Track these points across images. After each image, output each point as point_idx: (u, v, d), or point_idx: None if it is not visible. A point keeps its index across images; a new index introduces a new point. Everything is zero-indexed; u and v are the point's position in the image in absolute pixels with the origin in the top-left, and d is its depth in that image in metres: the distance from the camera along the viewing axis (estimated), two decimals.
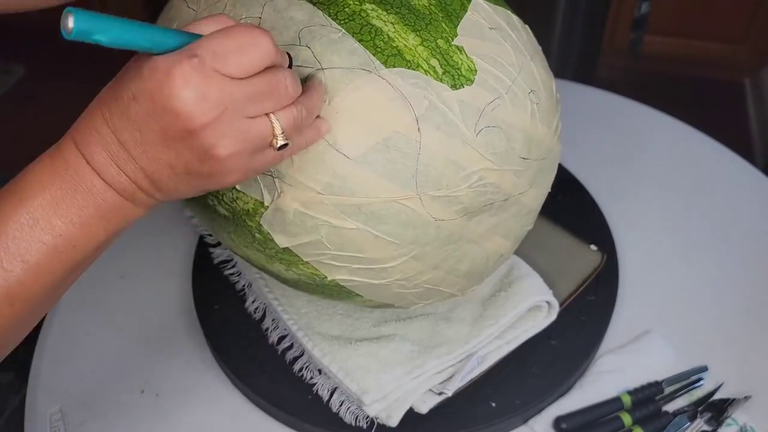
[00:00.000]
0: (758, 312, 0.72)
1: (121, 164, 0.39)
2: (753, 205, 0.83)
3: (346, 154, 0.45)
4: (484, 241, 0.54)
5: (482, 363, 0.63)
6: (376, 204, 0.46)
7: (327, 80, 0.46)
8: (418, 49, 0.47)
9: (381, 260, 0.49)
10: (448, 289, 0.55)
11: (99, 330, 0.74)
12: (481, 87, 0.48)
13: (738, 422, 0.63)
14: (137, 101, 0.38)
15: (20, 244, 0.39)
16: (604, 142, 0.90)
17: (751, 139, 1.81)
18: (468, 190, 0.48)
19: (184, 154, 0.39)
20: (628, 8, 1.88)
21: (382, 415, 0.60)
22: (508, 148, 0.49)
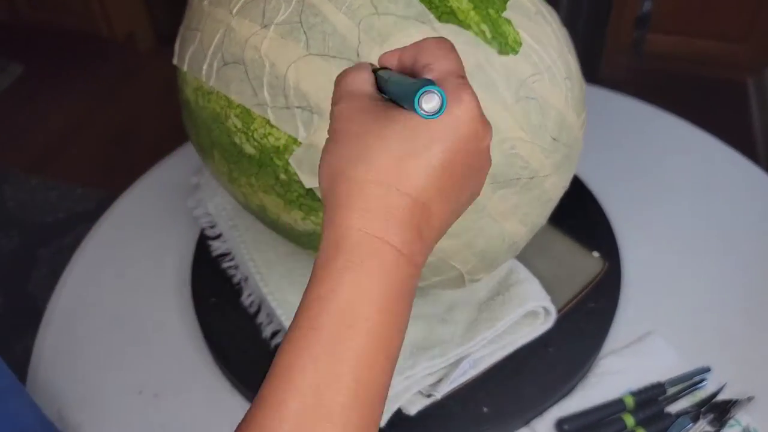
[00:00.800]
0: (761, 313, 0.72)
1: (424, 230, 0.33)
2: (756, 204, 0.83)
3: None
4: (503, 221, 0.54)
5: (475, 366, 0.63)
6: None
7: (381, 25, 0.47)
8: (470, 13, 0.49)
9: None
10: (460, 267, 0.55)
11: (97, 330, 0.74)
12: (525, 59, 0.50)
13: (741, 423, 0.63)
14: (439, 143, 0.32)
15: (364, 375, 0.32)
16: (606, 141, 0.90)
17: (753, 139, 1.80)
18: (500, 155, 0.49)
19: (472, 176, 0.35)
20: (630, 7, 1.88)
21: None
22: (542, 123, 0.51)
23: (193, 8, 0.57)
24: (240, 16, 0.51)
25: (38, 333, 0.74)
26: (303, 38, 0.48)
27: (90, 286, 0.78)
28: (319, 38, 0.47)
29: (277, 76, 0.48)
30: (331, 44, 0.47)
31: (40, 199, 1.81)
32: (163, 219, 0.83)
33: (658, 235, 0.79)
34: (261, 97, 0.49)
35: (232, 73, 0.51)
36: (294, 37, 0.48)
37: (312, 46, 0.47)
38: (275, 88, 0.49)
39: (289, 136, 0.48)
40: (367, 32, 0.47)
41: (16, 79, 2.19)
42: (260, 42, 0.49)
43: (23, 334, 1.43)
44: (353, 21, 0.47)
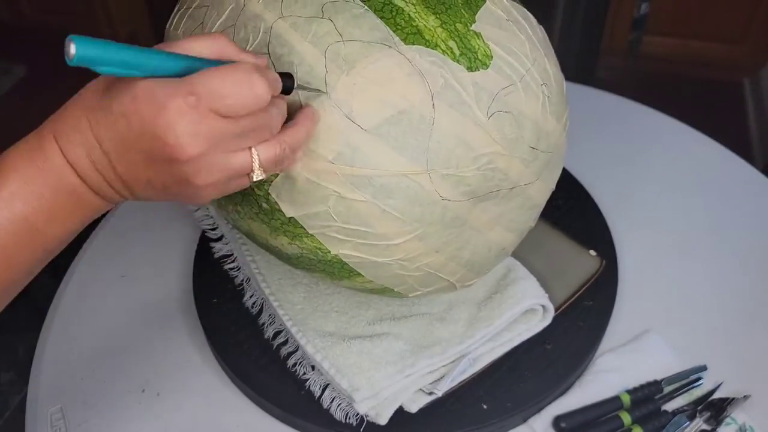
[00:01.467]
0: (758, 311, 0.72)
1: (100, 168, 0.41)
2: (752, 204, 0.83)
3: (361, 125, 0.46)
4: (487, 231, 0.54)
5: (474, 364, 0.63)
6: (386, 177, 0.47)
7: (347, 52, 0.46)
8: (437, 30, 0.48)
9: (386, 236, 0.49)
10: (448, 277, 0.55)
11: (100, 329, 0.74)
12: (496, 72, 0.49)
13: (737, 421, 0.63)
14: (128, 120, 0.39)
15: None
16: (603, 142, 0.90)
17: (750, 139, 1.81)
18: (476, 172, 0.49)
19: (163, 175, 0.41)
20: (627, 8, 1.88)
21: (371, 413, 0.60)
22: (518, 135, 0.50)
23: (170, 38, 0.57)
24: None
25: (41, 333, 0.74)
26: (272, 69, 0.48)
27: (93, 287, 0.78)
28: (288, 69, 0.47)
29: None
30: (300, 74, 0.47)
31: None
32: (165, 219, 0.84)
33: (654, 234, 0.80)
34: None
35: None
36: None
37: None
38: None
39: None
40: (333, 60, 0.47)
41: (19, 81, 2.19)
42: None
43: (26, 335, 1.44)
44: (319, 49, 0.47)
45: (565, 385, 0.65)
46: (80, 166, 0.41)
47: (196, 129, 0.38)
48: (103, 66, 0.37)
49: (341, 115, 0.46)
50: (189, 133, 0.38)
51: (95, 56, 0.36)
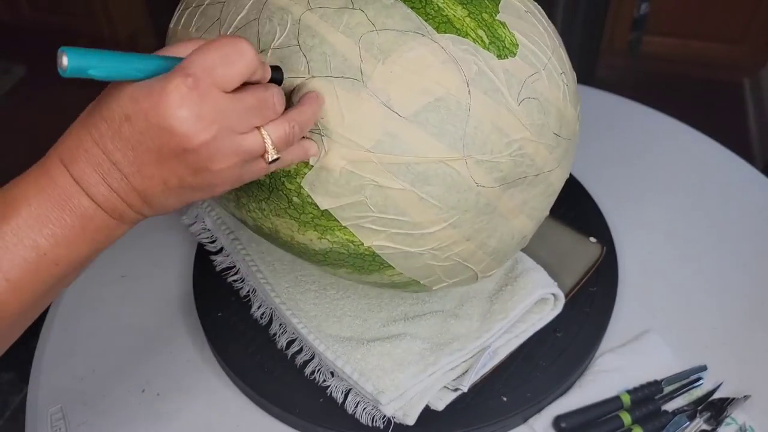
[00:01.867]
0: (757, 312, 0.72)
1: (112, 183, 0.40)
2: (752, 204, 0.83)
3: (399, 112, 0.47)
4: (512, 218, 0.55)
5: (494, 357, 0.64)
6: (425, 164, 0.47)
7: (382, 41, 0.47)
8: (465, 20, 0.49)
9: (421, 225, 0.50)
10: (474, 267, 0.56)
11: (100, 329, 0.74)
12: (523, 60, 0.50)
13: (737, 421, 0.63)
14: (131, 122, 0.38)
15: (2, 262, 0.39)
16: (603, 142, 0.90)
17: (750, 139, 1.81)
18: (508, 158, 0.50)
19: (178, 169, 0.40)
20: (627, 8, 1.88)
21: (398, 414, 0.60)
22: (544, 121, 0.51)
23: (178, 36, 0.57)
24: None
25: (41, 333, 0.75)
26: (303, 61, 0.48)
27: (93, 286, 0.78)
28: (320, 60, 0.47)
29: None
30: (333, 65, 0.47)
31: None
32: (166, 219, 0.84)
33: (654, 235, 0.80)
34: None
35: None
36: (295, 60, 0.48)
37: (314, 68, 0.47)
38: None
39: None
40: (368, 50, 0.47)
41: (18, 81, 2.19)
42: None
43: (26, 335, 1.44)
44: (352, 39, 0.47)
45: (565, 385, 0.65)
46: (90, 186, 0.40)
47: (200, 111, 0.38)
48: (97, 72, 0.37)
49: (379, 104, 0.46)
50: (194, 117, 0.37)
51: (87, 65, 0.37)
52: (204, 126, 0.38)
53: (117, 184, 0.40)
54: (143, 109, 0.38)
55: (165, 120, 0.37)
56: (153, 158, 0.39)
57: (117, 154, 0.39)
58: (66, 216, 0.40)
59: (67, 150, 0.40)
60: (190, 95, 0.37)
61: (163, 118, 0.37)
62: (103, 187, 0.40)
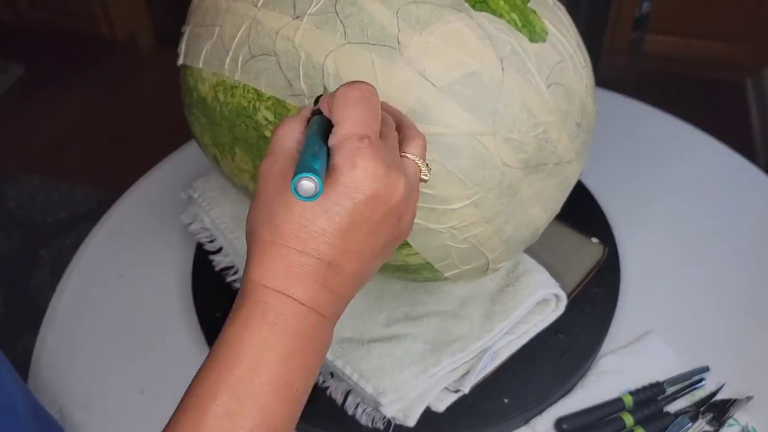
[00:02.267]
0: (760, 312, 0.72)
1: (333, 285, 0.38)
2: (754, 204, 0.83)
3: (433, 82, 0.47)
4: (530, 206, 0.55)
5: (495, 359, 0.64)
6: (455, 136, 0.48)
7: (420, 13, 0.48)
8: (500, 2, 0.50)
9: (446, 200, 0.50)
10: (488, 254, 0.56)
11: (99, 330, 0.74)
12: (552, 47, 0.51)
13: (740, 423, 0.63)
14: (335, 213, 0.37)
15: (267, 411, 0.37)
16: (604, 141, 0.90)
17: (752, 139, 1.80)
18: (534, 139, 0.51)
19: (384, 230, 0.39)
20: (629, 7, 1.88)
21: (399, 415, 0.59)
22: (569, 108, 0.52)
23: (205, 5, 0.57)
24: (267, 9, 0.51)
25: (39, 333, 0.74)
26: (340, 28, 0.48)
27: (91, 287, 0.78)
28: (357, 27, 0.48)
29: (313, 65, 0.49)
30: (371, 33, 0.48)
31: (41, 200, 1.82)
32: (165, 219, 0.84)
33: (656, 235, 0.80)
34: (297, 87, 0.50)
35: (262, 65, 0.51)
36: (330, 27, 0.48)
37: (350, 35, 0.48)
38: (312, 77, 0.49)
39: None
40: (405, 20, 0.48)
41: (17, 80, 2.19)
42: (293, 33, 0.49)
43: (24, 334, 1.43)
44: (390, 10, 0.48)
45: (567, 386, 0.65)
46: (313, 299, 0.38)
47: (386, 163, 0.37)
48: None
49: (414, 72, 0.47)
50: (386, 172, 0.37)
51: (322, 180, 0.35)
52: (396, 176, 0.38)
53: (335, 282, 0.38)
54: (342, 192, 0.36)
55: (369, 189, 0.37)
56: (364, 232, 0.38)
57: (329, 250, 0.37)
58: (304, 342, 0.38)
59: (276, 275, 0.37)
60: (373, 155, 0.37)
61: (367, 188, 0.37)
62: (325, 294, 0.38)
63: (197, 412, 0.37)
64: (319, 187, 0.34)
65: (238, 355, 0.37)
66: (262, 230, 0.38)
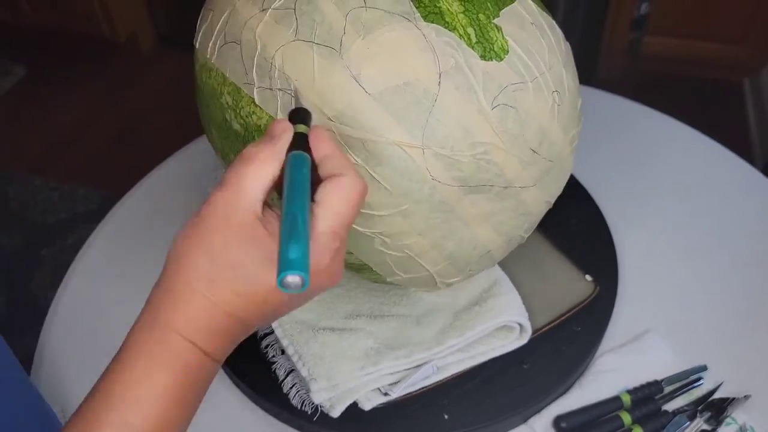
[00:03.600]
0: (758, 311, 0.72)
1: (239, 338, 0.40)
2: (752, 205, 0.83)
3: (366, 88, 0.47)
4: (475, 226, 0.54)
5: (439, 372, 0.63)
6: (381, 144, 0.48)
7: (367, 18, 0.48)
8: (459, 15, 0.49)
9: (372, 205, 0.50)
10: (428, 267, 0.55)
11: (99, 330, 0.74)
12: (509, 67, 0.50)
13: (737, 421, 0.63)
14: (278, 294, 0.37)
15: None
16: (603, 142, 0.90)
17: (750, 140, 1.81)
18: (471, 159, 0.50)
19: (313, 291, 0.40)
20: (627, 9, 1.88)
21: (326, 404, 0.60)
22: (520, 133, 0.51)
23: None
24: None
25: (41, 333, 0.75)
26: (294, 24, 0.49)
27: (93, 287, 0.78)
28: (308, 25, 0.49)
29: (265, 57, 0.50)
30: (319, 32, 0.48)
31: (43, 199, 1.82)
32: (166, 219, 0.84)
33: (654, 234, 0.80)
34: (250, 76, 0.51)
35: (229, 51, 0.52)
36: (287, 22, 0.49)
37: (300, 32, 0.49)
38: (263, 68, 0.50)
39: (270, 116, 0.50)
40: (353, 24, 0.48)
41: (18, 81, 2.19)
42: (256, 24, 0.51)
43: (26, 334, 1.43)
44: (342, 12, 0.48)
45: (565, 385, 0.65)
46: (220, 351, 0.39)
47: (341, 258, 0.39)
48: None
49: (349, 76, 0.47)
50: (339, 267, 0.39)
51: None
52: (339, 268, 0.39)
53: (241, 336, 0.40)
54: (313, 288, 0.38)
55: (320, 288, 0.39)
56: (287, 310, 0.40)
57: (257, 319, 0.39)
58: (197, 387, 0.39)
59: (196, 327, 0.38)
60: (338, 255, 0.38)
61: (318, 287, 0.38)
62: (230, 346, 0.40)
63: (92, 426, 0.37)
64: (305, 281, 0.33)
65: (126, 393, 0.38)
66: (194, 275, 0.37)
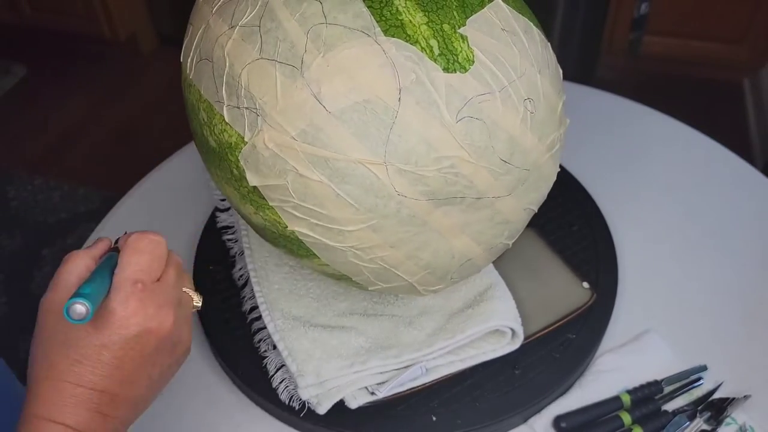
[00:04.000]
0: (757, 312, 0.72)
1: (105, 410, 0.42)
2: (751, 205, 0.83)
3: (326, 106, 0.47)
4: (451, 237, 0.54)
5: (429, 374, 0.62)
6: (343, 162, 0.48)
7: (328, 35, 0.48)
8: (421, 27, 0.48)
9: (338, 221, 0.50)
10: (407, 277, 0.55)
11: None
12: (474, 78, 0.49)
13: (737, 421, 0.63)
14: (107, 347, 0.41)
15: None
16: (603, 142, 0.91)
17: (750, 140, 1.81)
18: (437, 173, 0.49)
19: (159, 358, 0.44)
20: (627, 9, 1.88)
21: (312, 401, 0.60)
22: (488, 145, 0.50)
23: (198, 3, 0.59)
24: (217, 15, 0.53)
25: None
26: (258, 42, 0.49)
27: None
28: (272, 43, 0.48)
29: (233, 76, 0.50)
30: (281, 50, 0.48)
31: (43, 200, 1.82)
32: (166, 219, 0.84)
33: (654, 234, 0.80)
34: (220, 94, 0.51)
35: (203, 68, 0.53)
36: (252, 40, 0.49)
37: (264, 51, 0.49)
38: (231, 87, 0.50)
39: (239, 134, 0.50)
40: (314, 41, 0.48)
41: (19, 81, 2.20)
42: (226, 42, 0.51)
43: (26, 334, 1.43)
44: (303, 29, 0.48)
45: (565, 384, 0.65)
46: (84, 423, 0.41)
47: (158, 302, 0.43)
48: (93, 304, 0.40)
49: (309, 94, 0.47)
50: (157, 309, 0.42)
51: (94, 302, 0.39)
52: (166, 311, 0.43)
53: (108, 407, 0.42)
54: (115, 330, 0.41)
55: (139, 326, 0.42)
56: (138, 363, 0.42)
57: (104, 381, 0.41)
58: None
59: (51, 406, 0.41)
60: (146, 298, 0.42)
61: (137, 325, 0.42)
62: (98, 418, 0.41)
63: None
64: (90, 311, 0.38)
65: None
66: (39, 367, 0.42)
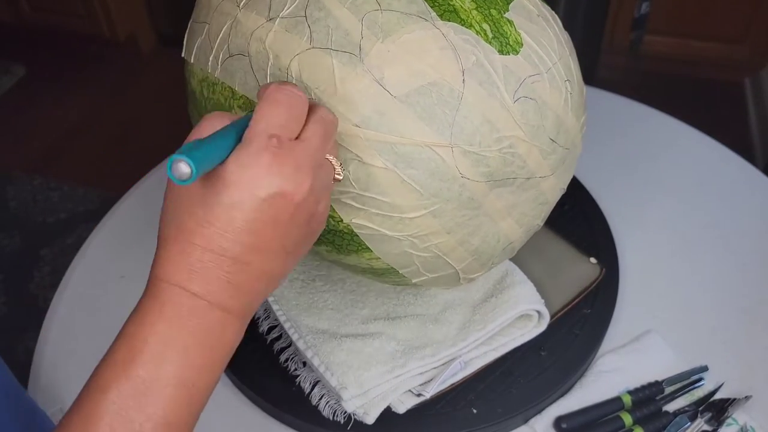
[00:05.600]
0: (759, 312, 0.72)
1: (235, 280, 0.38)
2: (753, 204, 0.83)
3: (390, 91, 0.47)
4: (499, 220, 0.54)
5: (466, 368, 0.63)
6: (410, 146, 0.48)
7: (384, 21, 0.48)
8: (472, 12, 0.50)
9: (401, 208, 0.50)
10: (455, 264, 0.55)
11: (99, 330, 0.74)
12: (525, 59, 0.50)
13: (738, 422, 0.63)
14: (239, 208, 0.37)
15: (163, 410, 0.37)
16: (603, 142, 0.90)
17: (751, 139, 1.81)
18: (497, 153, 0.50)
19: (293, 229, 0.39)
20: (627, 8, 1.88)
21: (359, 412, 0.60)
22: (540, 124, 0.51)
23: (202, 2, 0.58)
24: (246, 10, 0.52)
25: (40, 333, 0.74)
26: (307, 32, 0.49)
27: (92, 287, 0.78)
28: (323, 32, 0.48)
29: (280, 68, 0.49)
30: (335, 38, 0.48)
31: (42, 200, 1.82)
32: None
33: (655, 234, 0.80)
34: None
35: (237, 64, 0.52)
36: (298, 30, 0.49)
37: (316, 40, 0.48)
38: (278, 78, 0.50)
39: None
40: (370, 27, 0.48)
41: (18, 81, 2.20)
42: (265, 35, 0.50)
43: (25, 334, 1.44)
44: (356, 16, 0.48)
45: (566, 385, 0.65)
46: (216, 294, 0.38)
47: (295, 163, 0.38)
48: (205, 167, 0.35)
49: (372, 80, 0.47)
50: (294, 171, 0.38)
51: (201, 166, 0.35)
52: (304, 175, 0.38)
53: (240, 278, 0.38)
54: (248, 188, 0.37)
55: (273, 187, 0.37)
56: (271, 231, 0.38)
57: (235, 247, 0.37)
58: (204, 337, 0.38)
59: (176, 270, 0.38)
60: (282, 155, 0.37)
61: (272, 186, 0.37)
62: (229, 290, 0.38)
63: (91, 408, 0.36)
64: (194, 172, 0.34)
65: (134, 351, 0.37)
66: (168, 228, 0.39)
